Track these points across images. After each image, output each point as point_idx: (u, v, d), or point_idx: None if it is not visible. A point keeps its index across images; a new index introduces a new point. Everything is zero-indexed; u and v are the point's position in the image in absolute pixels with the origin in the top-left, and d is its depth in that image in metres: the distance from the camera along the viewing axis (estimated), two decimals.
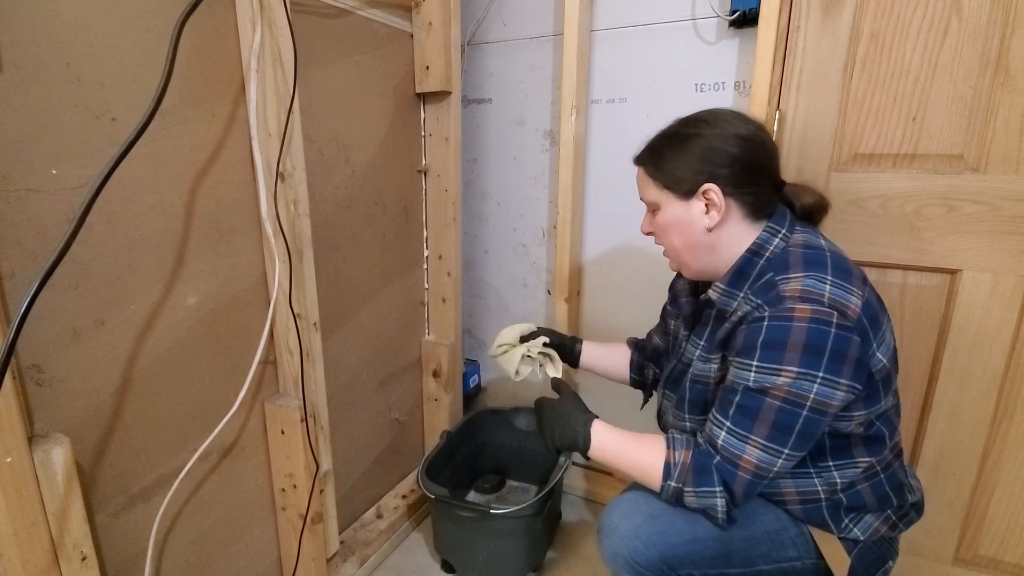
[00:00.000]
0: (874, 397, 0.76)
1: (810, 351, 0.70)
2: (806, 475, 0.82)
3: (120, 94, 0.78)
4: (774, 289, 0.74)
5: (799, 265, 0.76)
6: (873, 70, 1.10)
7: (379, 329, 1.38)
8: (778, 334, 0.71)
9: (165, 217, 0.86)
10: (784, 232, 0.81)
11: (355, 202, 1.24)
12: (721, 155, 0.79)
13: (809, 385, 0.70)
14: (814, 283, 0.73)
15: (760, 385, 0.73)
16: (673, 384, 0.96)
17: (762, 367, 0.72)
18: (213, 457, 1.00)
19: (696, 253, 0.84)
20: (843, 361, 0.70)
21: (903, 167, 1.12)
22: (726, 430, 0.76)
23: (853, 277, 0.75)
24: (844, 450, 0.80)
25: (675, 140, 0.82)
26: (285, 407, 1.05)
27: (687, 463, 0.78)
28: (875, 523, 0.83)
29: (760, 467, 0.74)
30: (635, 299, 1.47)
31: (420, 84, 1.36)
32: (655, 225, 0.87)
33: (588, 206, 1.49)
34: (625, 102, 1.39)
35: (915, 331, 1.16)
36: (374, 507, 1.44)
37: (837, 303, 0.71)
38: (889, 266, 1.16)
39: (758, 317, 0.74)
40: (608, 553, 0.82)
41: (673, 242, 0.85)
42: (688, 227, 0.82)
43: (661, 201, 0.84)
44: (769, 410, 0.72)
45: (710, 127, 0.80)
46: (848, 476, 0.81)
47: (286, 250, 1.00)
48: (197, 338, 0.94)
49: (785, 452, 0.73)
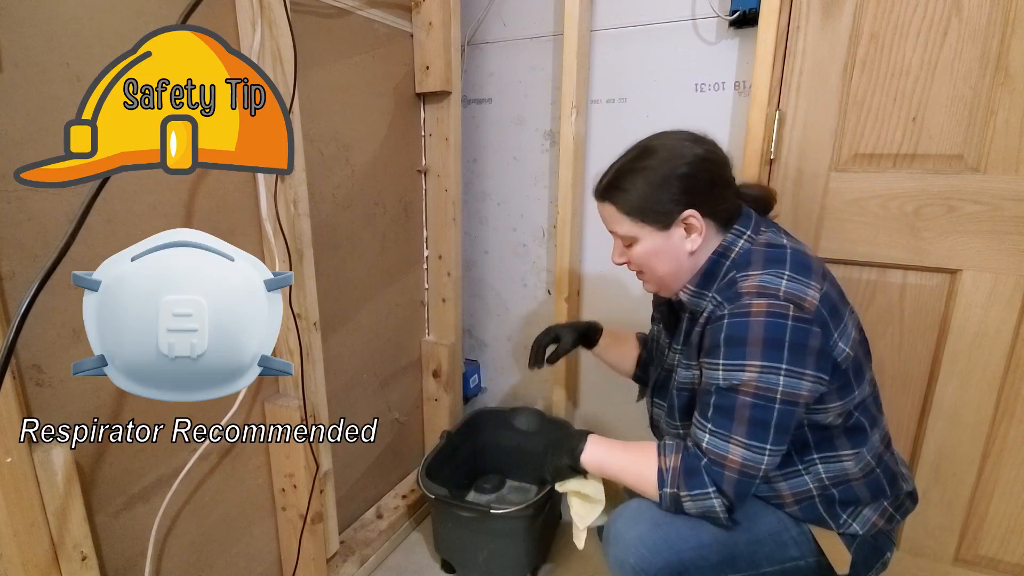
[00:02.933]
0: (847, 388, 0.78)
1: (770, 344, 0.72)
2: (796, 474, 0.83)
3: None
4: (734, 287, 0.77)
5: (759, 263, 0.78)
6: (873, 70, 1.10)
7: (379, 329, 1.38)
8: (737, 330, 0.73)
9: (165, 218, 0.86)
10: (749, 233, 0.83)
11: (355, 202, 1.24)
12: (693, 181, 0.80)
13: (775, 378, 0.72)
14: (771, 279, 0.75)
15: (729, 383, 0.74)
16: (660, 392, 0.97)
17: (727, 364, 0.74)
18: (213, 458, 1.00)
19: (679, 276, 0.85)
20: (804, 352, 0.72)
21: (903, 167, 1.12)
22: (708, 432, 0.77)
23: (812, 272, 0.77)
24: (827, 442, 0.82)
25: (643, 174, 0.81)
26: (285, 407, 1.05)
27: (677, 467, 0.78)
28: (873, 517, 0.84)
29: (746, 465, 0.74)
30: (635, 298, 1.47)
31: (420, 84, 1.36)
32: (632, 256, 0.86)
33: (588, 206, 1.48)
34: (625, 102, 1.39)
35: (915, 331, 1.16)
36: (374, 507, 1.44)
37: (792, 296, 0.73)
38: (889, 266, 1.16)
39: (719, 316, 0.76)
40: (614, 561, 0.82)
41: (656, 271, 0.86)
42: (672, 255, 0.83)
43: (638, 235, 0.83)
44: (744, 407, 0.74)
45: (671, 154, 0.81)
46: (834, 470, 0.82)
47: (286, 250, 1.00)
48: None
49: (768, 448, 0.74)
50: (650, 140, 0.84)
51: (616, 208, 0.84)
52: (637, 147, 0.84)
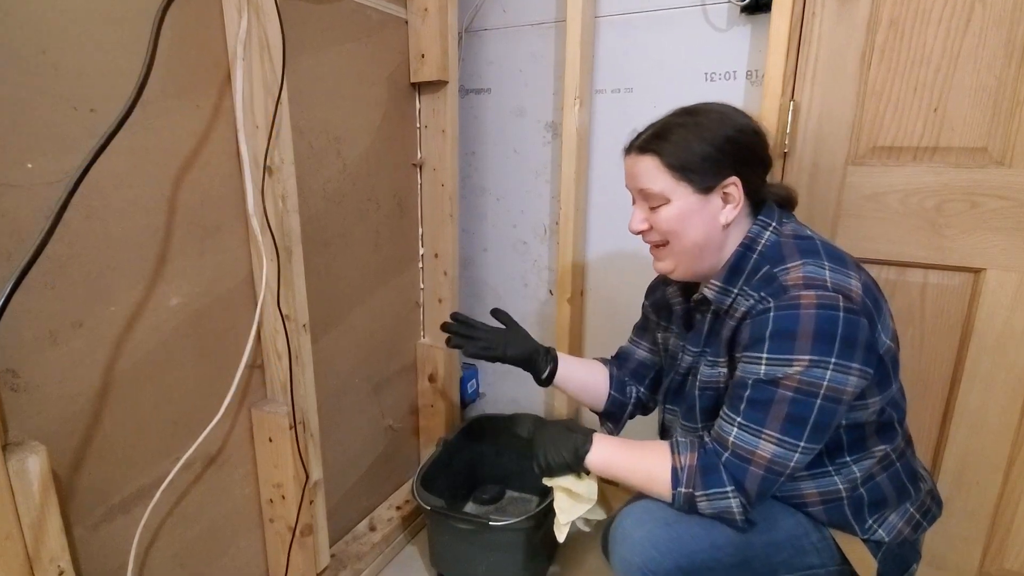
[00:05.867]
0: (886, 380, 0.79)
1: (821, 337, 0.72)
2: (825, 474, 0.83)
3: (99, 84, 0.78)
4: (775, 281, 0.77)
5: (794, 255, 0.78)
6: (892, 59, 1.10)
7: (372, 331, 1.38)
8: (787, 323, 0.73)
9: (146, 213, 0.86)
10: (774, 224, 0.83)
11: (347, 197, 1.24)
12: (741, 148, 0.80)
13: (821, 372, 0.72)
14: (814, 269, 0.75)
15: (771, 376, 0.74)
16: (674, 397, 0.96)
17: (772, 359, 0.74)
18: (197, 466, 0.99)
19: (705, 253, 0.84)
20: (854, 346, 0.72)
21: (924, 160, 1.12)
22: (737, 426, 0.76)
23: (847, 262, 0.78)
24: (860, 443, 0.82)
25: (693, 129, 0.80)
26: (273, 413, 1.05)
27: (694, 464, 0.78)
28: (898, 523, 0.84)
29: (775, 462, 0.74)
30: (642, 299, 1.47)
31: (415, 73, 1.35)
32: (658, 220, 0.83)
33: (592, 201, 1.48)
34: (631, 92, 1.39)
35: (936, 333, 1.16)
36: (367, 519, 1.44)
37: (840, 287, 0.74)
38: (909, 265, 1.16)
39: (763, 309, 0.76)
40: (619, 561, 0.81)
41: (683, 240, 0.83)
42: (705, 222, 0.82)
43: (672, 194, 0.81)
44: (782, 401, 0.73)
45: (722, 116, 0.81)
46: (865, 467, 0.83)
47: (274, 248, 1.00)
48: (180, 341, 0.94)
49: (801, 445, 0.74)
50: (696, 104, 0.84)
51: (659, 160, 0.80)
52: (682, 109, 0.84)
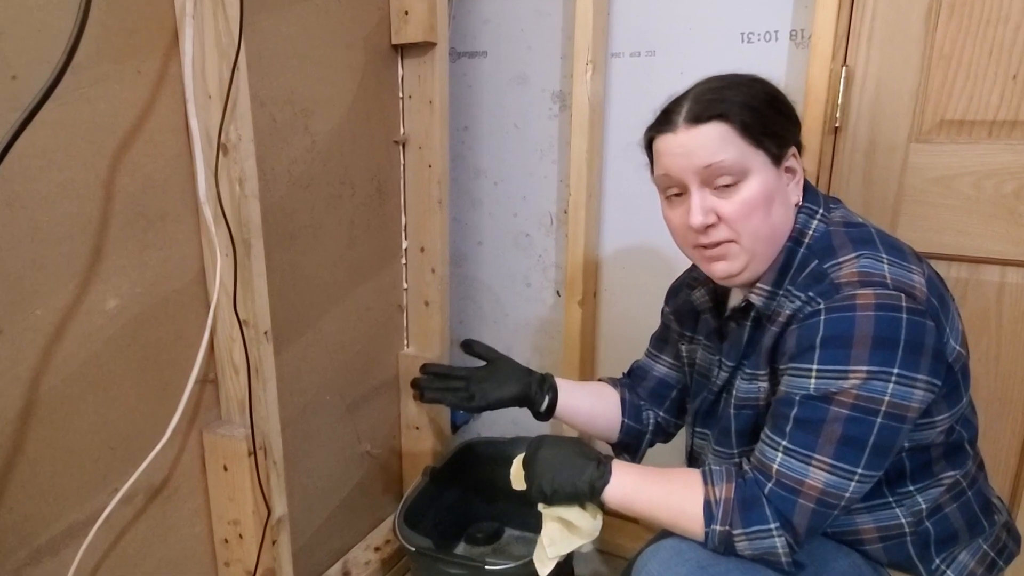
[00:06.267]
0: (955, 393, 0.79)
1: (881, 344, 0.71)
2: (885, 506, 0.83)
3: (22, 45, 0.78)
4: (825, 279, 0.76)
5: (846, 246, 0.78)
6: (964, 15, 1.10)
7: (346, 340, 1.38)
8: (840, 328, 0.73)
9: (78, 200, 0.86)
10: (821, 211, 0.83)
11: (316, 181, 1.24)
12: (792, 111, 0.83)
13: (883, 386, 0.71)
14: (871, 263, 0.75)
15: (823, 391, 0.73)
16: (705, 418, 0.96)
17: (824, 370, 0.73)
18: (139, 499, 0.99)
19: (774, 243, 0.82)
20: (920, 353, 0.72)
21: (1001, 137, 1.12)
22: (783, 451, 0.76)
23: (907, 254, 0.78)
24: (926, 468, 0.82)
25: (746, 89, 0.80)
26: (228, 437, 1.05)
27: (730, 497, 0.78)
28: (970, 562, 0.84)
29: (828, 492, 0.74)
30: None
31: (397, 33, 1.35)
32: (733, 206, 0.78)
33: (607, 185, 1.49)
34: (653, 55, 1.39)
35: (1016, 342, 1.16)
36: (340, 562, 1.44)
37: (902, 283, 0.73)
38: (984, 261, 1.16)
39: (811, 312, 0.75)
40: None
41: (760, 228, 0.79)
42: (784, 204, 0.81)
43: (752, 165, 0.77)
44: (835, 421, 0.73)
45: (757, 79, 0.83)
46: (932, 497, 0.83)
47: (229, 241, 1.00)
48: (119, 351, 0.94)
49: (858, 472, 0.74)
50: (726, 74, 0.84)
51: (727, 125, 0.76)
52: (714, 77, 0.84)
